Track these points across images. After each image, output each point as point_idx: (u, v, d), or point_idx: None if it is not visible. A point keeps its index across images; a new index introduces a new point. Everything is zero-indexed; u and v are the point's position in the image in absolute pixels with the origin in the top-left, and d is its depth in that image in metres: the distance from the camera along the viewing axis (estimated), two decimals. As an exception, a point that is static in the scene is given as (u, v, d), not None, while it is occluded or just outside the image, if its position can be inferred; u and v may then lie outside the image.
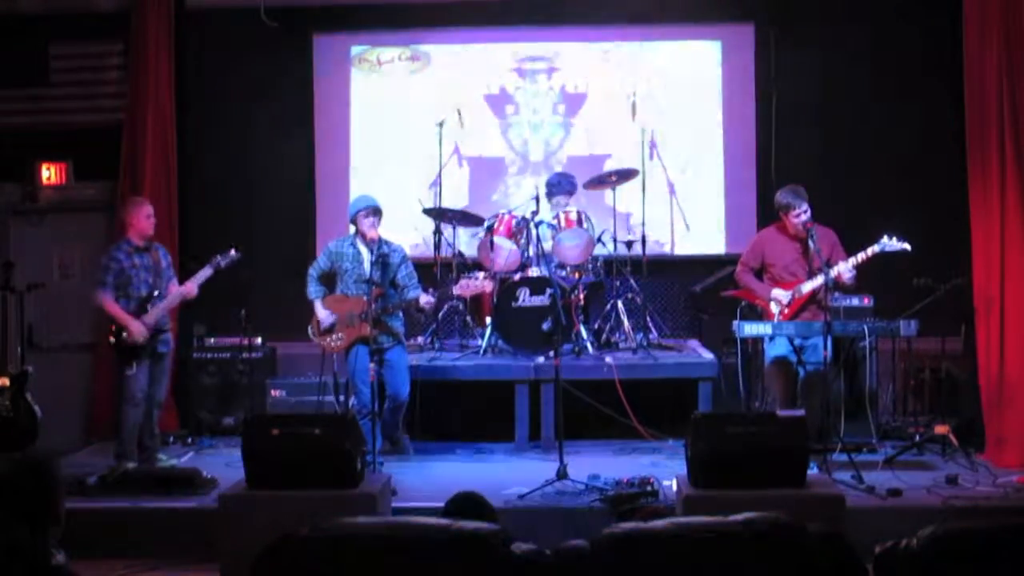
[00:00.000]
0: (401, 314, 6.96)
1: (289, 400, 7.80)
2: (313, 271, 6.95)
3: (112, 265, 6.81)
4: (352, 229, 6.93)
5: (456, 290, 6.81)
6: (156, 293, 6.83)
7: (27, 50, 8.74)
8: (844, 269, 6.45)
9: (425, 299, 6.74)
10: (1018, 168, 7.04)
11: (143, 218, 6.88)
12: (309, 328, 6.94)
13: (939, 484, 6.14)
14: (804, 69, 8.50)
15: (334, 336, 6.81)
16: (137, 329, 6.70)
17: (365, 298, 6.64)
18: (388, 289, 6.80)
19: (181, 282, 6.98)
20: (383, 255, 6.75)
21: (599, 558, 2.80)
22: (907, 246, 6.43)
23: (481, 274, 7.12)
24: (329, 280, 6.96)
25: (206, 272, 6.89)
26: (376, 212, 6.78)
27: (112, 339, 6.82)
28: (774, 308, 6.64)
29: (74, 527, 3.43)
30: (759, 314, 6.74)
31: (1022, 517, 5.47)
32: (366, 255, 6.77)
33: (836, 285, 6.51)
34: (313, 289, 6.91)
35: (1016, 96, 7.06)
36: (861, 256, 6.48)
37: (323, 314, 6.83)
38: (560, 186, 8.17)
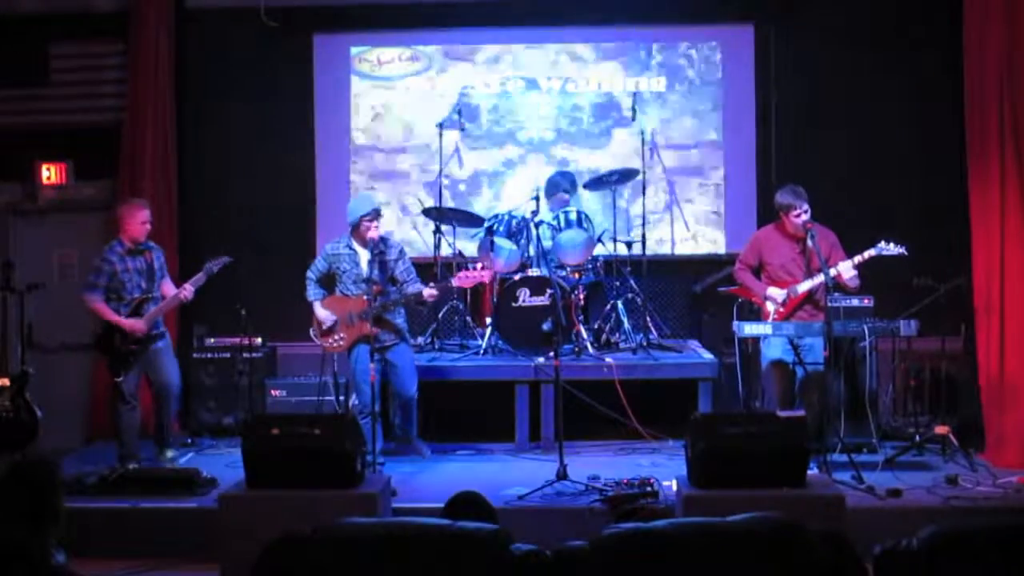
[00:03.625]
0: (403, 311, 6.95)
1: (289, 400, 7.80)
2: (311, 274, 6.93)
3: (104, 267, 6.82)
4: (349, 229, 6.91)
5: (455, 281, 6.80)
6: (149, 296, 6.82)
7: (27, 50, 8.73)
8: (845, 269, 6.45)
9: (428, 292, 6.73)
10: (1018, 168, 7.05)
11: (137, 224, 6.84)
12: (311, 330, 6.93)
13: (939, 484, 6.14)
14: (804, 69, 8.50)
15: (335, 337, 6.81)
16: (133, 325, 6.72)
17: (365, 297, 6.63)
18: (387, 286, 6.80)
19: (176, 284, 6.98)
20: (380, 252, 6.76)
21: (599, 558, 2.80)
22: (904, 250, 6.42)
23: (479, 264, 7.12)
24: (328, 282, 6.95)
25: (200, 278, 6.87)
26: (378, 215, 6.79)
27: (101, 344, 6.84)
28: (770, 307, 6.64)
29: (74, 527, 3.43)
30: (756, 312, 6.75)
31: (1022, 517, 5.49)
32: (363, 255, 6.77)
33: (837, 286, 6.51)
34: (312, 291, 6.90)
35: (1016, 96, 7.06)
36: (858, 259, 6.47)
37: (322, 315, 6.83)
38: (560, 185, 8.19)
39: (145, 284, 6.86)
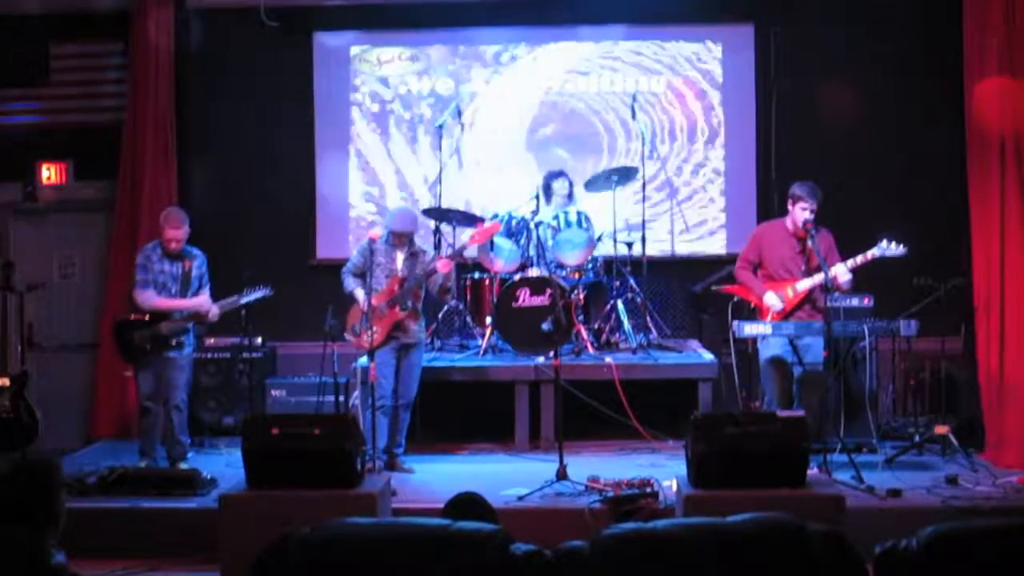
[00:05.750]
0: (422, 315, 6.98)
1: (289, 400, 7.80)
2: (346, 268, 6.85)
3: (147, 265, 6.83)
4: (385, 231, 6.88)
5: (471, 239, 6.89)
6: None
7: (27, 50, 8.74)
8: (841, 272, 6.44)
9: (442, 262, 6.72)
10: (1018, 168, 7.05)
11: (165, 238, 6.81)
12: (346, 334, 6.86)
13: (939, 484, 6.14)
14: (804, 69, 8.50)
15: (369, 332, 6.63)
16: (164, 305, 6.75)
17: (395, 285, 6.69)
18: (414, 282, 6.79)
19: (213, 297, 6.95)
20: (414, 254, 6.81)
21: (599, 558, 2.80)
22: (904, 251, 6.41)
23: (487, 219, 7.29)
24: (363, 278, 6.87)
25: (232, 301, 6.86)
26: (410, 235, 6.82)
27: (119, 337, 6.82)
28: (770, 307, 6.62)
29: (74, 527, 3.43)
30: (753, 311, 6.74)
31: (1022, 517, 5.48)
32: (399, 254, 6.79)
33: (831, 287, 6.49)
34: (351, 282, 6.80)
35: (1016, 97, 7.05)
36: (860, 259, 6.47)
37: (363, 298, 6.71)
38: (556, 182, 8.16)
39: (177, 290, 6.83)
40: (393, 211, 6.98)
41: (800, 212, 6.58)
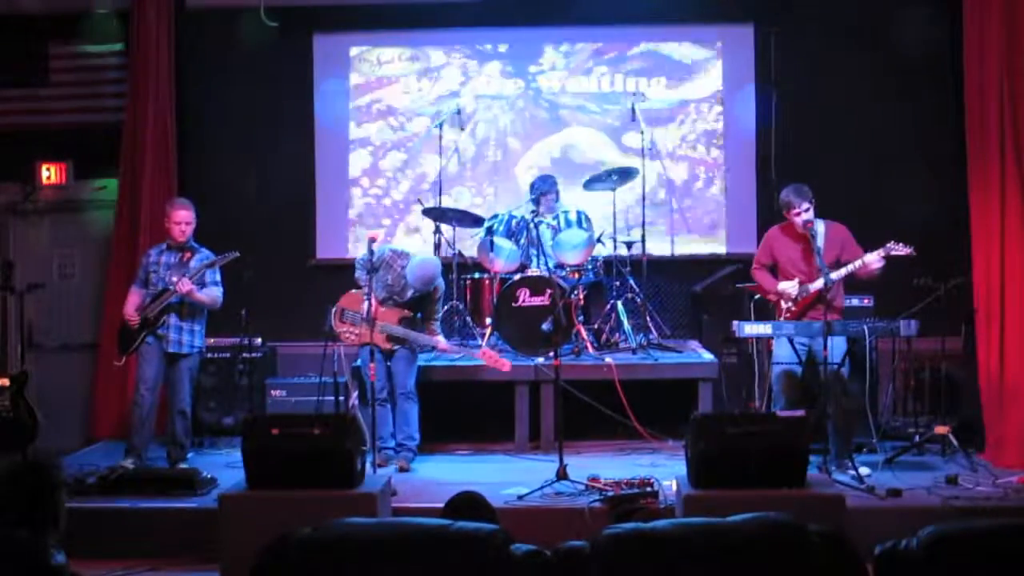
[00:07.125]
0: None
1: (289, 400, 7.80)
2: (360, 263, 6.90)
3: (143, 261, 7.06)
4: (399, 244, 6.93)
5: (479, 355, 6.96)
6: (171, 291, 6.82)
7: (27, 50, 8.74)
8: (873, 259, 6.35)
9: (442, 345, 6.98)
10: (1018, 168, 7.04)
11: (172, 224, 6.91)
12: (334, 307, 6.92)
13: (939, 484, 6.14)
14: (804, 69, 8.50)
15: (350, 328, 6.85)
16: (127, 311, 6.88)
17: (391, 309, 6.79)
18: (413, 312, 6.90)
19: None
20: (424, 295, 6.86)
21: (599, 558, 2.80)
22: (912, 251, 6.40)
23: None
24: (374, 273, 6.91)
25: (199, 267, 6.88)
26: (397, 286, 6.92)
27: (119, 330, 6.95)
28: (786, 300, 6.58)
29: (74, 527, 3.43)
30: (771, 310, 6.73)
31: (1022, 517, 5.48)
32: (411, 291, 6.85)
33: (830, 285, 6.44)
34: (363, 276, 6.84)
35: (1016, 96, 7.06)
36: (882, 252, 6.41)
37: (364, 298, 6.77)
38: (540, 188, 8.13)
39: (172, 279, 6.85)
40: (413, 264, 6.86)
41: (795, 217, 6.57)
